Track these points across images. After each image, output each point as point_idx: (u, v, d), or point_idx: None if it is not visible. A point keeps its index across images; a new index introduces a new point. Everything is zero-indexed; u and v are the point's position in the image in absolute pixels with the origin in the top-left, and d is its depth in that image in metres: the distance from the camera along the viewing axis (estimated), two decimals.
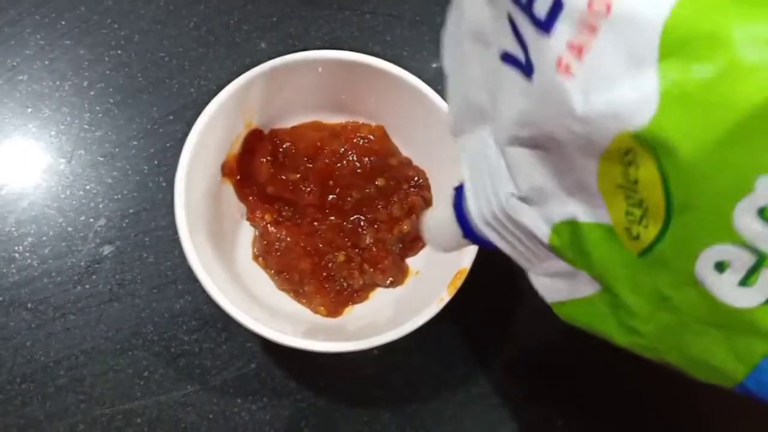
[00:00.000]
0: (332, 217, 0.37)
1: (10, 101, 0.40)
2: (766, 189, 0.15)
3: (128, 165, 0.39)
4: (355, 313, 0.36)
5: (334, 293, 0.36)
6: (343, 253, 0.36)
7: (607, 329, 0.21)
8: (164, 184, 0.39)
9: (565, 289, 0.22)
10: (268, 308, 0.35)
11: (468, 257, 0.33)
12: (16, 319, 0.36)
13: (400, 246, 0.37)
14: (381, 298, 0.37)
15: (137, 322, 0.37)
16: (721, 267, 0.17)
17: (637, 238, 0.18)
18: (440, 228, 0.26)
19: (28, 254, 0.37)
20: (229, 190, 0.37)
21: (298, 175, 0.36)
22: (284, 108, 0.37)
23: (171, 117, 0.40)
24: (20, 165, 0.39)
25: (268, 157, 0.36)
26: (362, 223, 0.37)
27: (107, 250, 0.38)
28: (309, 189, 0.36)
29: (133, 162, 0.39)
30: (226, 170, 0.36)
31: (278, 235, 0.36)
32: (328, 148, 0.37)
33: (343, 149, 0.37)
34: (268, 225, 0.36)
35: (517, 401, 0.38)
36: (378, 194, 0.37)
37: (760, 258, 0.16)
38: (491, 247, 0.24)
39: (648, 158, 0.16)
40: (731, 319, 0.17)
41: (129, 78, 0.41)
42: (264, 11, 0.43)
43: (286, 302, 0.36)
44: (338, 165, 0.37)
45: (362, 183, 0.37)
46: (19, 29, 0.41)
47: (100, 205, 0.38)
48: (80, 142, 0.39)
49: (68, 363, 0.36)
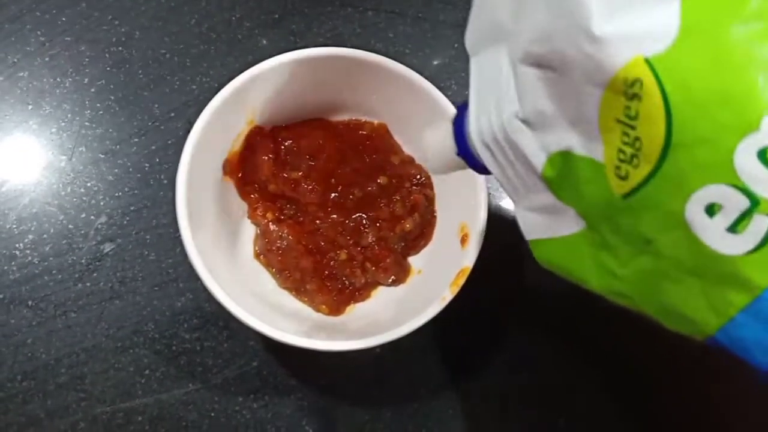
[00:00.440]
0: (334, 215, 0.36)
1: (10, 98, 0.40)
2: None
3: (129, 162, 0.39)
4: (356, 312, 0.36)
5: (336, 292, 0.36)
6: (345, 251, 0.36)
7: (584, 272, 0.21)
8: (165, 181, 0.39)
9: (548, 225, 0.22)
10: (269, 306, 0.35)
11: (470, 257, 0.33)
12: (17, 316, 0.36)
13: (402, 244, 0.37)
14: (383, 297, 0.36)
15: (138, 320, 0.37)
16: (711, 210, 0.17)
17: (624, 177, 0.18)
18: (435, 144, 0.26)
19: (28, 251, 0.37)
20: (230, 187, 0.37)
21: (300, 173, 0.36)
22: (286, 105, 0.37)
23: (172, 114, 0.40)
24: (21, 162, 0.39)
25: (270, 155, 0.36)
26: (364, 221, 0.37)
27: (108, 247, 0.38)
28: (311, 187, 0.36)
29: (135, 159, 0.39)
30: (228, 168, 0.36)
31: (280, 233, 0.36)
32: (330, 145, 0.37)
33: (344, 147, 0.37)
34: (270, 223, 0.36)
35: (519, 400, 0.38)
36: (380, 192, 0.36)
37: (753, 202, 0.16)
38: (481, 169, 0.24)
39: (654, 90, 0.16)
40: (714, 266, 0.17)
41: (130, 75, 0.40)
42: (266, 8, 0.42)
43: (287, 300, 0.36)
44: (340, 163, 0.37)
45: (364, 181, 0.37)
46: (19, 26, 0.41)
47: (101, 203, 0.38)
48: (81, 139, 0.39)
49: (69, 361, 0.36)
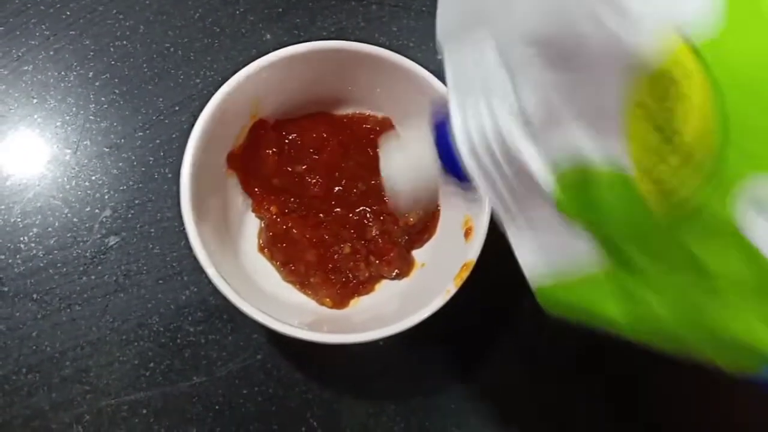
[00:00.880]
0: (338, 209, 0.36)
1: (15, 91, 0.40)
2: None
3: (134, 156, 0.39)
4: (360, 305, 0.36)
5: (339, 285, 0.36)
6: (349, 244, 0.36)
7: (606, 308, 0.18)
8: (170, 175, 0.39)
9: (554, 253, 0.19)
10: (273, 300, 0.35)
11: (474, 250, 0.33)
12: (22, 309, 0.36)
13: (406, 238, 0.37)
14: (387, 290, 0.36)
15: (143, 313, 0.37)
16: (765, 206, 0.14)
17: (660, 182, 0.15)
18: (409, 165, 0.22)
19: (33, 245, 0.37)
20: (234, 181, 0.37)
21: (304, 167, 0.36)
22: (290, 99, 0.37)
23: (176, 108, 0.40)
24: (25, 155, 0.39)
25: (274, 149, 0.36)
26: (368, 215, 0.37)
27: (113, 240, 0.38)
28: (315, 181, 0.36)
29: (139, 153, 0.39)
30: (232, 162, 0.36)
31: (284, 227, 0.36)
32: (333, 139, 0.37)
33: (348, 141, 0.37)
34: (274, 217, 0.36)
35: (522, 395, 0.38)
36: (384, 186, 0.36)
37: None
38: (464, 180, 0.20)
39: (697, 77, 0.14)
40: None
41: (134, 69, 0.40)
42: (269, 2, 0.42)
43: (291, 294, 0.36)
44: (344, 157, 0.37)
45: (368, 175, 0.36)
46: (24, 19, 0.41)
47: (106, 196, 0.38)
48: (85, 132, 0.39)
49: (74, 354, 0.36)
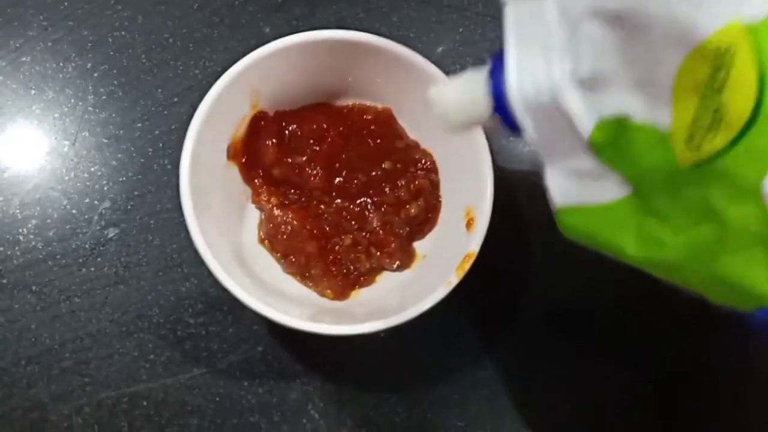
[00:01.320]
0: (339, 200, 0.36)
1: (13, 83, 0.39)
2: None
3: (133, 147, 0.39)
4: (362, 297, 0.36)
5: (340, 276, 0.36)
6: (350, 236, 0.36)
7: (620, 240, 0.20)
8: (169, 166, 0.38)
9: (583, 191, 0.21)
10: (274, 291, 0.35)
11: (476, 241, 0.32)
12: (21, 301, 0.36)
13: (407, 229, 0.36)
14: (388, 282, 0.36)
15: (143, 304, 0.37)
16: None
17: (697, 147, 0.17)
18: (463, 100, 0.23)
19: (32, 237, 0.37)
20: (234, 172, 0.36)
21: (305, 158, 0.36)
22: (290, 90, 0.36)
23: (176, 99, 0.40)
24: (24, 147, 0.39)
25: (274, 140, 0.36)
26: (369, 206, 0.36)
27: (112, 232, 0.37)
28: (315, 172, 0.36)
29: (138, 144, 0.39)
30: (232, 153, 0.36)
31: (284, 218, 0.36)
32: (334, 130, 0.36)
33: (349, 132, 0.37)
34: (274, 208, 0.36)
35: (525, 385, 0.38)
36: (385, 177, 0.36)
37: None
38: (513, 128, 0.21)
39: (750, 60, 0.15)
40: None
41: (133, 59, 0.40)
42: None
43: (292, 285, 0.36)
44: (345, 148, 0.36)
45: (369, 166, 0.36)
46: (21, 10, 0.40)
47: (105, 188, 0.38)
48: (84, 124, 0.39)
49: (73, 346, 0.36)
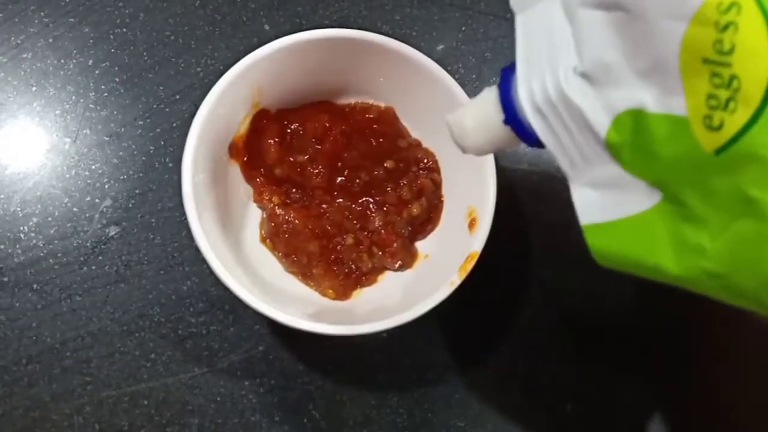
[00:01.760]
0: (341, 200, 0.36)
1: (14, 79, 0.39)
2: None
3: (134, 145, 0.39)
4: (363, 297, 0.36)
5: (342, 276, 0.35)
6: (352, 235, 0.36)
7: (659, 256, 0.18)
8: (171, 164, 0.38)
9: (611, 204, 0.19)
10: (276, 291, 0.35)
11: (479, 241, 0.32)
12: (22, 299, 0.36)
13: (409, 229, 0.36)
14: (390, 282, 0.36)
15: (144, 303, 0.37)
16: None
17: (719, 128, 0.16)
18: (478, 115, 0.23)
19: (33, 235, 0.37)
20: (236, 171, 0.36)
21: (307, 157, 0.36)
22: (292, 88, 0.36)
23: (177, 96, 0.39)
24: (25, 144, 0.38)
25: (276, 139, 0.36)
26: (371, 205, 0.36)
27: (113, 230, 0.37)
28: (317, 171, 0.36)
29: (140, 142, 0.39)
30: (234, 151, 0.36)
31: (286, 218, 0.35)
32: (336, 129, 0.36)
33: (351, 131, 0.36)
34: (276, 207, 0.36)
35: (525, 386, 0.37)
36: (387, 176, 0.36)
37: None
38: (532, 140, 0.21)
39: (755, 12, 0.14)
40: None
41: (134, 57, 0.40)
42: None
43: (294, 285, 0.36)
44: (347, 147, 0.36)
45: (371, 165, 0.36)
46: (22, 6, 0.40)
47: (106, 186, 0.38)
48: (85, 121, 0.39)
49: (74, 344, 0.36)
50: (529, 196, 0.39)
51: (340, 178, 0.36)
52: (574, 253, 0.25)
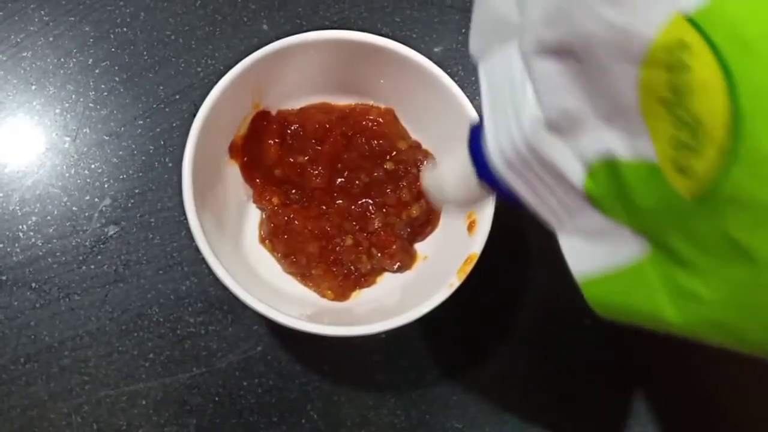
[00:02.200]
0: (340, 201, 0.36)
1: (13, 78, 0.39)
2: None
3: (134, 144, 0.39)
4: (362, 298, 0.36)
5: (341, 277, 0.35)
6: (351, 236, 0.36)
7: (655, 305, 0.17)
8: (170, 164, 0.38)
9: (601, 253, 0.19)
10: (274, 291, 0.35)
11: (478, 243, 0.32)
12: (21, 298, 0.36)
13: (409, 230, 0.36)
14: (388, 283, 0.36)
15: (142, 303, 0.37)
16: None
17: (689, 170, 0.15)
18: (454, 173, 0.22)
19: (32, 233, 0.37)
20: (235, 172, 0.36)
21: (306, 158, 0.36)
22: (292, 89, 0.36)
23: (177, 96, 0.39)
24: (24, 143, 0.38)
25: (276, 139, 0.36)
26: (370, 207, 0.36)
27: (112, 230, 0.37)
28: (317, 172, 0.36)
29: (139, 141, 0.39)
30: (234, 151, 0.36)
31: (285, 218, 0.35)
32: (336, 130, 0.36)
33: (351, 132, 0.36)
34: (276, 208, 0.36)
35: (524, 387, 0.37)
36: (387, 178, 0.36)
37: None
38: (512, 198, 0.20)
39: (703, 52, 0.13)
40: None
41: (134, 56, 0.40)
42: None
43: (293, 285, 0.36)
44: (346, 148, 0.36)
45: (371, 166, 0.36)
46: (23, 4, 0.40)
47: (106, 185, 0.38)
48: (85, 120, 0.39)
49: (73, 343, 0.36)
50: None
51: (339, 180, 0.36)
52: None
